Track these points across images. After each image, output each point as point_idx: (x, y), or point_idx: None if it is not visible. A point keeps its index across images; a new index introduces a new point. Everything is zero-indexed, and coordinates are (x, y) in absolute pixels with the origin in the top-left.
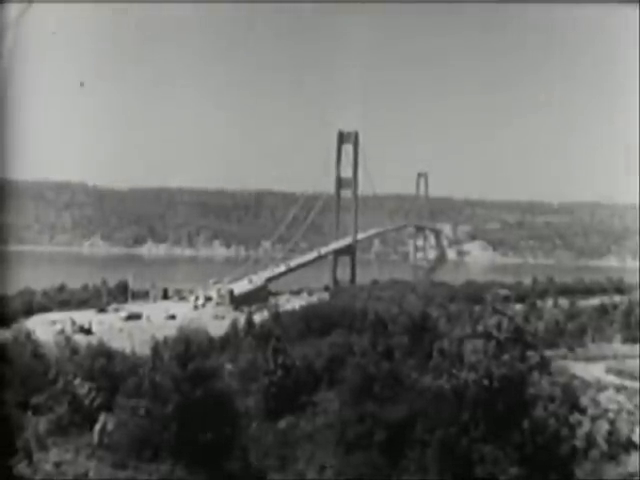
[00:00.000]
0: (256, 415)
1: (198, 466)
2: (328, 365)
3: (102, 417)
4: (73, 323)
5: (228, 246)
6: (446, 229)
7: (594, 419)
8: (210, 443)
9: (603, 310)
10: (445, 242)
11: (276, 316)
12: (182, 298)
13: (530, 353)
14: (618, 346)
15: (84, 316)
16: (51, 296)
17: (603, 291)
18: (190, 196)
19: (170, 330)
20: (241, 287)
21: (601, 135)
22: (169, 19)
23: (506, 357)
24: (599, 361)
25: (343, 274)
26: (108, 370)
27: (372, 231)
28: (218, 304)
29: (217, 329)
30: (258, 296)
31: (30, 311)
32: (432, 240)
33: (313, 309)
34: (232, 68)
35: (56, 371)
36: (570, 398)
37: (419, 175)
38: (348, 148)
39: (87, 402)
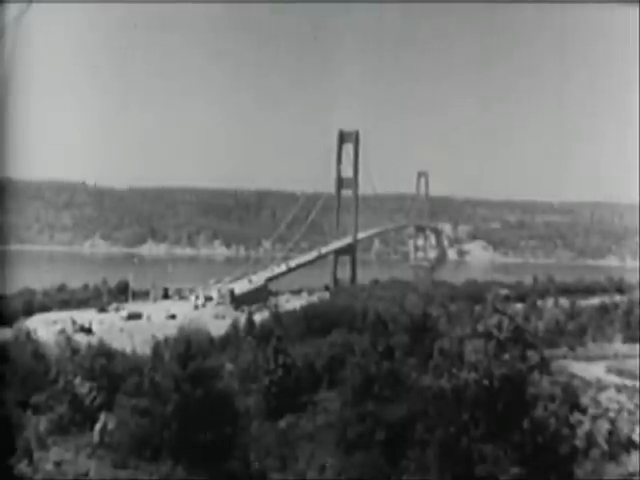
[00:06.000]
0: (256, 415)
1: (198, 466)
2: (328, 365)
3: (102, 417)
4: (73, 323)
5: (228, 246)
6: (446, 229)
7: (594, 419)
8: (210, 443)
9: (603, 310)
10: (445, 242)
11: (277, 316)
12: (182, 298)
13: (530, 353)
14: (618, 346)
15: (84, 316)
16: (51, 296)
17: (603, 291)
18: (190, 196)
19: (170, 330)
20: (241, 287)
21: (601, 135)
22: (170, 19)
23: (506, 357)
24: (599, 361)
25: (343, 274)
26: (108, 370)
27: (372, 231)
28: (218, 304)
29: (217, 329)
30: (258, 296)
31: (30, 311)
32: (432, 240)
33: (313, 309)
34: (232, 68)
35: (56, 371)
36: (570, 398)
37: (419, 174)
38: (349, 147)
39: (87, 401)
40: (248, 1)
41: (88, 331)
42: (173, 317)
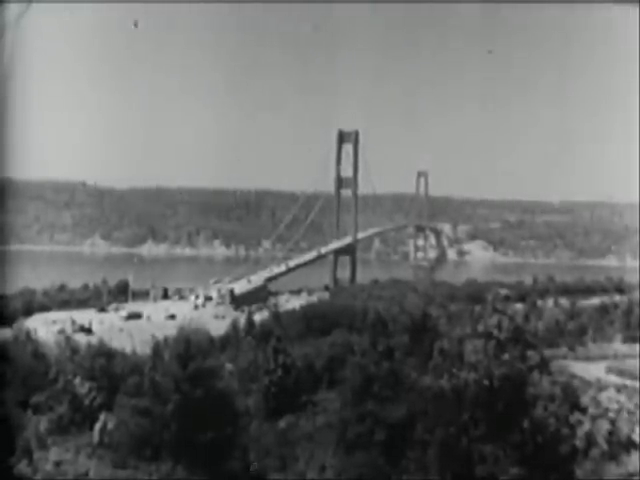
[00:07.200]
0: (256, 415)
1: (198, 466)
2: (328, 365)
3: (102, 416)
4: (73, 323)
5: (228, 246)
6: (446, 228)
7: (594, 419)
8: (210, 443)
9: (603, 310)
10: (445, 242)
11: (276, 316)
12: (182, 298)
13: (530, 353)
14: (618, 345)
15: (84, 315)
16: (51, 296)
17: (603, 291)
18: (190, 195)
19: (170, 330)
20: (241, 287)
21: (601, 135)
22: (170, 19)
23: (506, 357)
24: (599, 361)
25: (343, 273)
26: (108, 369)
27: (372, 230)
28: (218, 304)
29: (217, 329)
30: (258, 296)
31: (30, 311)
32: (432, 240)
33: (313, 309)
34: (232, 68)
35: (56, 370)
36: (570, 398)
37: (419, 174)
38: (348, 147)
39: (87, 401)
40: (248, 1)
41: (88, 331)
42: (173, 317)
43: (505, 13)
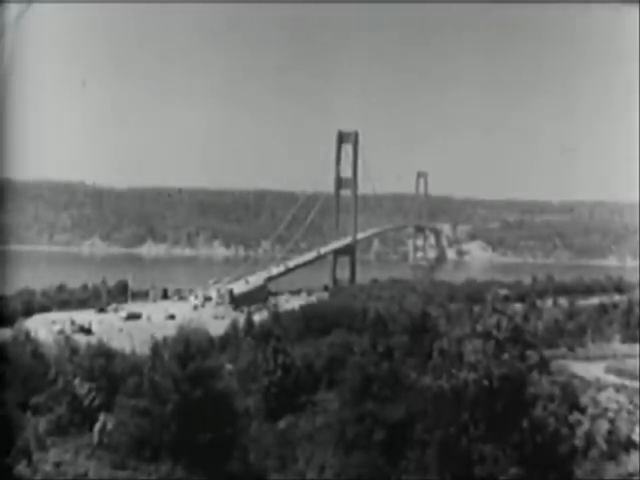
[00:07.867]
0: (256, 415)
1: (198, 466)
2: (328, 365)
3: (102, 417)
4: (73, 323)
5: (228, 246)
6: (446, 229)
7: (594, 418)
8: (210, 443)
9: (603, 309)
10: (445, 242)
11: (276, 316)
12: (182, 298)
13: (530, 353)
14: (618, 345)
15: (84, 316)
16: (51, 296)
17: (603, 290)
18: (189, 196)
19: (170, 330)
20: (241, 287)
21: (601, 135)
22: (169, 19)
23: (506, 357)
24: (599, 360)
25: (343, 274)
26: (108, 370)
27: (372, 231)
28: (218, 304)
29: (217, 329)
30: (258, 296)
31: (30, 311)
32: (432, 240)
33: (313, 309)
34: (232, 68)
35: (56, 371)
36: (570, 397)
37: (419, 175)
38: (348, 148)
39: (87, 402)
40: (249, 2)
41: (87, 331)
42: (172, 317)
43: (505, 13)
